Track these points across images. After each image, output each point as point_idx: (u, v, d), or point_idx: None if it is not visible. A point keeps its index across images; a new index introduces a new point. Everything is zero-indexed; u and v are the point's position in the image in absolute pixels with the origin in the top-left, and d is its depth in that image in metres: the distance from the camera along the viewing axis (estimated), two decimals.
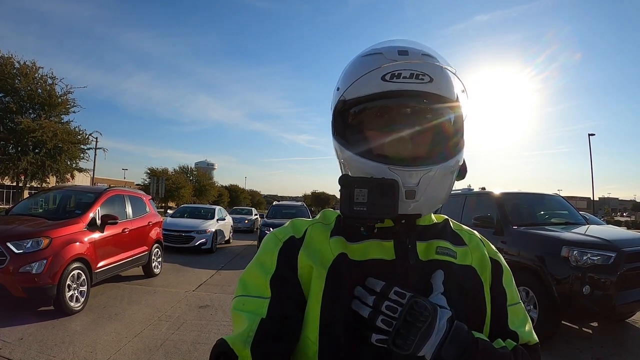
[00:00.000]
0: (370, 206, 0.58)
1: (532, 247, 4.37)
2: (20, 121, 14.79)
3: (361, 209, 0.58)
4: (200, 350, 3.66)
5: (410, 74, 0.63)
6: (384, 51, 0.67)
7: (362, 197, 0.58)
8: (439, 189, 0.66)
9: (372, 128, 0.67)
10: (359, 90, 0.66)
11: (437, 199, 0.67)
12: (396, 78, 0.63)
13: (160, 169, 34.67)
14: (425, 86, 0.64)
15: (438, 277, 0.64)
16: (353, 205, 0.58)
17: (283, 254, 0.66)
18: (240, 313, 0.63)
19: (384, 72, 0.64)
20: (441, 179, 0.65)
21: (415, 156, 0.65)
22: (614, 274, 3.73)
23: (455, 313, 0.60)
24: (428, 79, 0.64)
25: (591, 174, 26.51)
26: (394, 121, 0.65)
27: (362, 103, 0.67)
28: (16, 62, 15.30)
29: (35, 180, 16.89)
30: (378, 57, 0.66)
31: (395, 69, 0.64)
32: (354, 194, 0.58)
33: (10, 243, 4.20)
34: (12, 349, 3.42)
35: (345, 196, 0.59)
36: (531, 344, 0.71)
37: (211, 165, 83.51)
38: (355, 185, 0.59)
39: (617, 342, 4.28)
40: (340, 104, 0.70)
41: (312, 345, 0.61)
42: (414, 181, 0.62)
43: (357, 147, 0.66)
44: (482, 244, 0.75)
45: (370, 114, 0.67)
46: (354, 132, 0.69)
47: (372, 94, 0.65)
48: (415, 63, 0.64)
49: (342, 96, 0.69)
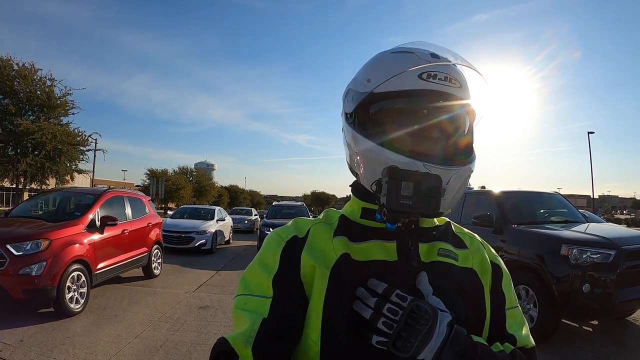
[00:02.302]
0: (416, 201, 0.57)
1: (532, 245, 4.37)
2: (19, 123, 14.77)
3: (407, 203, 0.57)
4: (200, 351, 3.66)
5: (445, 76, 0.66)
6: (416, 51, 0.69)
7: (409, 190, 0.57)
8: (461, 190, 0.67)
9: (403, 123, 0.66)
10: (393, 85, 0.66)
11: (456, 200, 0.68)
12: (432, 78, 0.65)
13: (160, 170, 34.68)
14: (456, 90, 0.67)
15: (423, 280, 0.64)
16: (400, 199, 0.57)
17: (286, 253, 0.66)
18: (242, 312, 0.63)
19: (421, 71, 0.65)
20: (463, 181, 0.67)
21: (445, 156, 0.66)
22: (613, 272, 3.73)
23: (455, 316, 0.60)
24: (458, 84, 0.67)
25: (591, 172, 26.57)
26: (428, 119, 0.66)
27: (396, 98, 0.67)
28: (15, 64, 15.28)
29: (35, 182, 16.88)
30: (411, 56, 0.68)
31: (432, 69, 0.65)
32: (401, 187, 0.57)
33: (10, 245, 4.20)
34: (12, 350, 3.42)
35: (392, 189, 0.57)
36: (528, 348, 0.71)
37: (211, 165, 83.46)
38: (403, 178, 0.57)
39: (617, 340, 4.28)
40: (369, 96, 0.69)
41: (314, 345, 0.61)
42: (445, 180, 0.62)
43: (382, 139, 0.66)
44: (482, 247, 0.76)
45: (403, 109, 0.67)
46: (380, 125, 0.68)
47: (406, 89, 0.66)
48: (449, 67, 0.67)
49: (373, 89, 0.68)
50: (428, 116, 0.66)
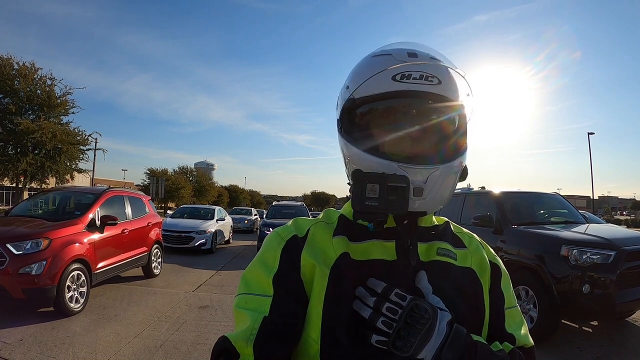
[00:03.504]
0: (382, 201, 0.59)
1: (532, 246, 4.37)
2: (19, 122, 14.80)
3: (372, 204, 0.59)
4: (200, 350, 3.66)
5: (420, 75, 0.65)
6: (394, 52, 0.69)
7: (374, 192, 0.59)
8: (444, 188, 0.66)
9: (380, 126, 0.68)
10: (369, 89, 0.67)
11: (442, 198, 0.67)
12: (406, 79, 0.65)
13: (160, 169, 34.73)
14: (433, 88, 0.66)
15: (422, 279, 0.64)
16: (365, 200, 0.59)
17: (286, 252, 0.66)
18: (243, 311, 0.63)
19: (395, 73, 0.65)
20: (446, 178, 0.66)
21: (423, 155, 0.66)
22: (613, 273, 3.73)
23: (454, 315, 0.61)
24: (437, 81, 0.66)
25: (591, 172, 26.59)
26: (402, 120, 0.66)
27: (372, 102, 0.68)
28: (15, 63, 15.31)
29: (35, 181, 16.91)
30: (388, 58, 0.68)
31: (406, 69, 0.65)
32: (366, 189, 0.59)
33: (9, 244, 4.20)
34: (12, 350, 3.42)
35: (357, 191, 0.59)
36: (527, 347, 0.72)
37: (211, 165, 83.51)
38: (368, 180, 0.59)
39: (617, 340, 4.28)
40: (349, 102, 0.71)
41: (314, 344, 0.61)
42: (421, 179, 0.63)
43: (365, 144, 0.67)
44: (481, 247, 0.77)
45: (380, 112, 0.68)
46: (362, 130, 0.70)
47: (382, 92, 0.66)
48: (425, 65, 0.66)
49: (352, 95, 0.70)
50: (404, 117, 0.67)
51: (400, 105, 0.67)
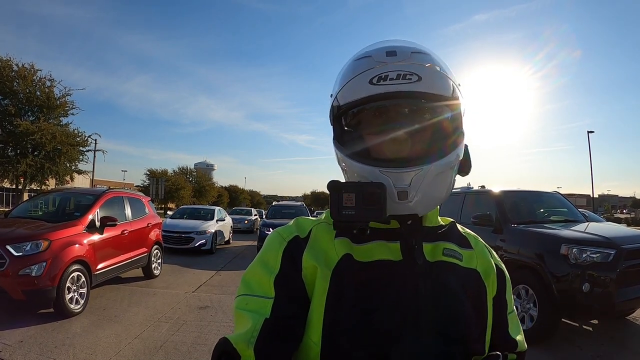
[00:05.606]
0: (359, 210, 0.59)
1: (532, 245, 4.37)
2: (19, 124, 14.78)
3: (349, 213, 0.59)
4: (200, 351, 3.66)
5: (397, 74, 0.62)
6: (373, 54, 0.66)
7: (350, 201, 0.59)
8: (436, 187, 0.64)
9: (363, 132, 0.67)
10: (349, 95, 0.66)
11: (435, 197, 0.66)
12: (383, 80, 0.62)
13: (160, 170, 34.72)
14: (413, 85, 0.62)
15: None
16: (342, 210, 0.59)
17: (287, 253, 0.65)
18: (244, 312, 0.63)
19: (371, 76, 0.63)
20: (436, 177, 0.64)
21: (407, 157, 0.64)
22: (613, 271, 3.73)
23: (456, 315, 0.61)
24: (416, 77, 0.62)
25: (590, 171, 26.59)
26: (382, 124, 0.65)
27: (352, 108, 0.67)
28: (15, 65, 15.29)
29: (35, 183, 16.90)
30: (367, 61, 0.66)
31: (382, 71, 0.63)
32: (342, 199, 0.59)
33: (9, 246, 4.20)
34: (13, 351, 3.42)
35: (334, 201, 0.60)
36: (522, 352, 0.75)
37: (211, 166, 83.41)
38: (343, 190, 0.60)
39: (617, 339, 4.29)
40: (334, 109, 0.70)
41: (315, 347, 0.61)
42: (405, 182, 0.62)
43: (350, 150, 0.67)
44: (486, 250, 0.76)
45: (360, 118, 0.68)
46: (348, 137, 0.70)
47: (360, 98, 0.64)
48: (401, 64, 0.63)
49: (336, 101, 0.69)
50: (383, 121, 0.65)
51: (379, 109, 0.65)
